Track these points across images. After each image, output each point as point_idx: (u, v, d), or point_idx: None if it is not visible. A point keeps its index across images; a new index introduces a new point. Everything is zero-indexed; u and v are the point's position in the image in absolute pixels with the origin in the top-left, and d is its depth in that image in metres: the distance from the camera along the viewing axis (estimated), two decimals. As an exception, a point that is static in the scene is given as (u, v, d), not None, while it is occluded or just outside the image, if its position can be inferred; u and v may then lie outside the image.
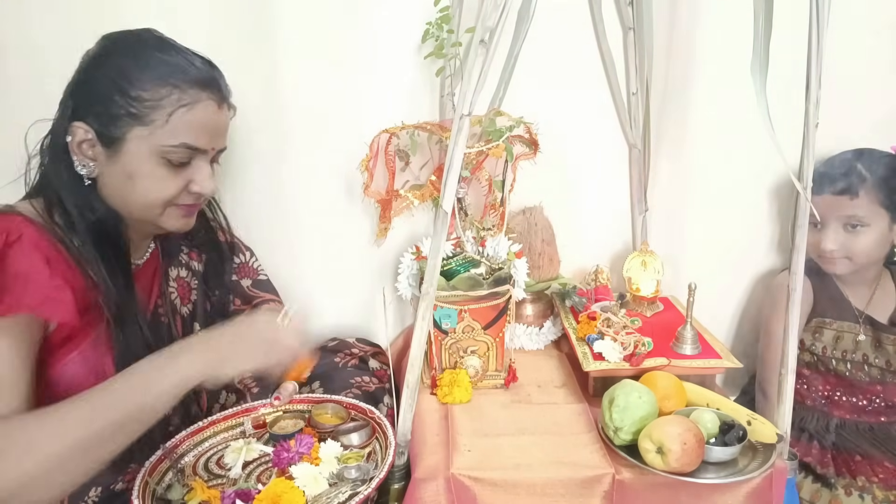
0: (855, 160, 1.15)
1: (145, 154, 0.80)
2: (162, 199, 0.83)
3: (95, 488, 0.80)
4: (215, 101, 0.84)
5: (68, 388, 0.78)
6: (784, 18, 0.79)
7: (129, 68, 0.78)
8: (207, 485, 0.81)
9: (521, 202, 1.30)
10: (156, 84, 0.78)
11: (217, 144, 0.87)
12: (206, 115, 0.82)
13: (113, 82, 0.78)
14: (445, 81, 1.17)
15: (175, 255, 0.99)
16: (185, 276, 0.99)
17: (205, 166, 0.85)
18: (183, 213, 0.87)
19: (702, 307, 1.08)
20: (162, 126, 0.79)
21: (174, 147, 0.80)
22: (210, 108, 0.83)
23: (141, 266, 0.93)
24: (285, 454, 0.82)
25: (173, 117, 0.79)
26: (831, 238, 1.16)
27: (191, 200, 0.86)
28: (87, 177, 0.81)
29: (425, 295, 0.86)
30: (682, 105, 1.27)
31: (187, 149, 0.81)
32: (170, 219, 0.86)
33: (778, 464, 0.87)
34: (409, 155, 1.13)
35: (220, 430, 0.92)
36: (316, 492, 0.78)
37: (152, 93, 0.78)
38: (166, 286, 0.96)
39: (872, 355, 1.20)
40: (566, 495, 0.86)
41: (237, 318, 0.83)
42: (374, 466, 0.83)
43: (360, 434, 0.89)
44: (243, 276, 1.09)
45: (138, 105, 0.78)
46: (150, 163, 0.80)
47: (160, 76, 0.79)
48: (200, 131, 0.82)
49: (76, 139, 0.79)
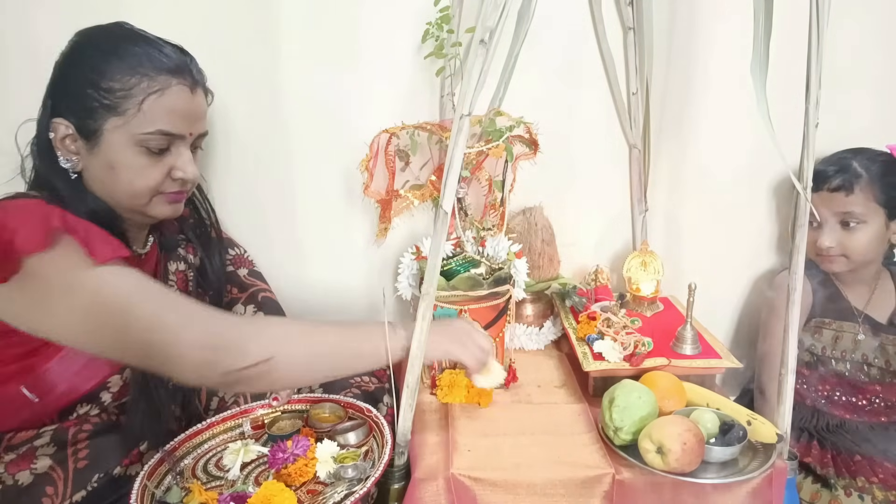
0: (851, 157, 1.16)
1: (123, 144, 0.81)
2: (146, 188, 0.85)
3: (98, 474, 0.80)
4: (187, 86, 0.85)
5: (70, 387, 0.79)
6: (784, 18, 0.79)
7: (99, 61, 0.81)
8: (206, 487, 0.81)
9: (521, 202, 1.30)
10: (125, 74, 0.80)
11: (194, 129, 0.88)
12: (178, 100, 0.84)
13: (85, 77, 0.80)
14: (445, 81, 1.17)
15: (173, 249, 1.00)
16: (184, 269, 1.01)
17: (185, 152, 0.87)
18: (169, 200, 0.88)
19: (702, 307, 1.08)
20: (136, 114, 0.81)
21: (150, 134, 0.82)
22: (182, 94, 0.84)
23: (144, 257, 0.94)
24: (281, 455, 0.82)
25: (145, 105, 0.81)
26: (828, 235, 1.16)
27: (176, 187, 0.88)
28: (71, 170, 0.83)
29: (425, 295, 0.86)
30: (682, 105, 1.27)
31: (163, 135, 0.83)
32: (157, 207, 0.88)
33: (778, 464, 0.87)
34: (409, 155, 1.13)
35: (219, 432, 0.92)
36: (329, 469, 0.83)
37: (122, 83, 0.80)
38: (166, 280, 0.97)
39: (872, 355, 1.20)
40: (566, 495, 0.86)
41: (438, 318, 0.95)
42: (370, 465, 0.83)
43: (357, 433, 0.89)
44: (239, 265, 1.12)
45: (110, 96, 0.80)
46: (130, 152, 0.82)
47: (129, 66, 0.80)
48: (175, 116, 0.84)
49: (58, 135, 0.81)
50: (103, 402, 0.85)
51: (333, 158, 1.18)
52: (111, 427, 0.85)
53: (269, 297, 1.10)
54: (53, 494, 0.76)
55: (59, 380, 0.80)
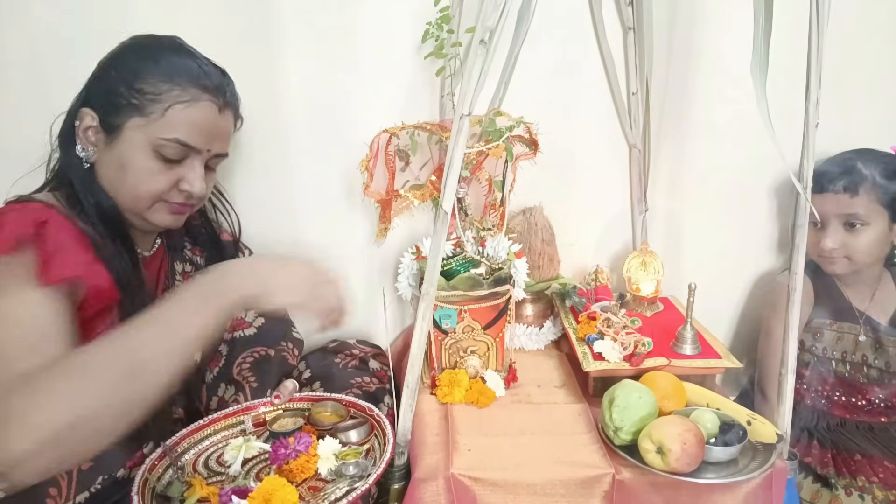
0: (855, 159, 1.16)
1: (140, 145, 0.82)
2: (150, 193, 0.85)
3: (102, 476, 0.81)
4: (216, 105, 0.86)
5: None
6: (784, 18, 0.79)
7: (138, 64, 0.83)
8: (207, 482, 0.81)
9: (521, 202, 1.30)
10: (159, 79, 0.82)
11: (213, 147, 0.88)
12: (203, 115, 0.85)
13: (121, 75, 0.83)
14: (445, 81, 1.17)
15: (179, 250, 1.01)
16: (190, 270, 1.01)
17: (198, 166, 0.87)
18: (171, 210, 0.88)
19: (702, 307, 1.08)
20: (158, 119, 0.82)
21: (167, 140, 0.82)
22: (209, 110, 0.86)
23: (148, 258, 0.94)
24: (283, 451, 0.83)
25: (170, 111, 0.82)
26: (831, 237, 1.16)
27: (180, 199, 0.87)
28: (85, 161, 0.84)
29: (425, 295, 0.86)
30: (682, 105, 1.27)
31: (179, 144, 0.83)
32: (157, 214, 0.87)
33: (778, 464, 0.87)
34: (409, 155, 1.13)
35: (221, 429, 0.92)
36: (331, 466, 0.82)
37: (154, 86, 0.82)
38: (172, 280, 0.97)
39: (872, 356, 1.20)
40: (566, 495, 0.86)
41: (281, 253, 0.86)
42: (372, 463, 0.83)
43: (359, 431, 0.90)
44: None
45: (139, 97, 0.82)
46: (144, 154, 0.83)
47: (165, 72, 0.83)
48: (196, 130, 0.84)
49: (83, 124, 0.83)
50: None
51: (333, 158, 1.18)
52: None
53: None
54: (57, 495, 0.76)
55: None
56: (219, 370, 1.00)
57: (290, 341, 1.07)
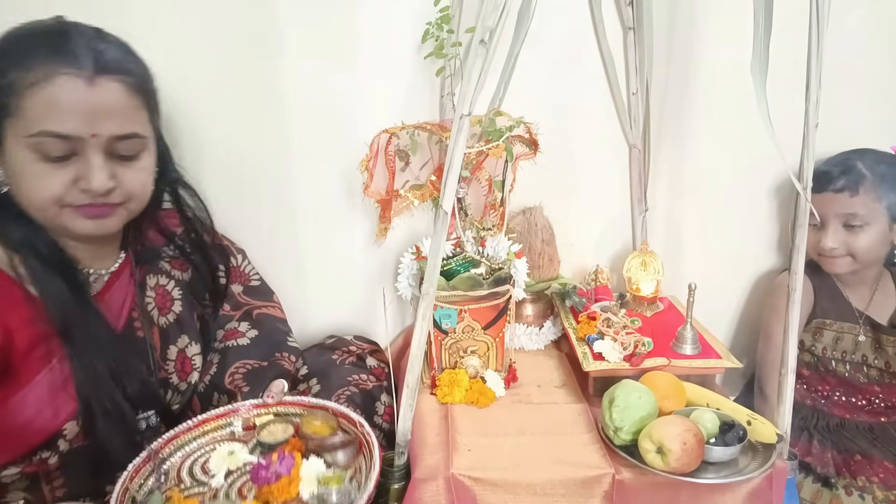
0: (855, 158, 1.16)
1: (20, 148, 0.71)
2: (45, 199, 0.73)
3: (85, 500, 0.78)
4: (80, 77, 0.70)
5: (23, 425, 0.74)
6: (784, 18, 0.79)
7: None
8: (187, 494, 0.78)
9: (521, 202, 1.30)
10: (8, 67, 0.70)
11: (100, 129, 0.72)
12: (64, 93, 0.70)
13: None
14: (445, 81, 1.17)
15: (153, 262, 0.92)
16: (165, 283, 0.93)
17: (93, 157, 0.73)
18: (85, 214, 0.75)
19: (702, 307, 1.08)
20: (23, 113, 0.69)
21: (36, 136, 0.69)
22: (69, 85, 0.70)
23: (109, 276, 0.86)
24: (263, 473, 0.78)
25: (25, 101, 0.69)
26: (831, 236, 1.16)
27: (85, 199, 0.74)
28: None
29: (425, 295, 0.86)
30: (682, 105, 1.27)
31: (54, 137, 0.70)
32: (72, 221, 0.75)
33: (778, 464, 0.87)
34: (409, 155, 1.13)
35: (210, 430, 0.88)
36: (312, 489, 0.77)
37: (4, 77, 0.69)
38: (142, 296, 0.89)
39: (872, 356, 1.20)
40: (566, 495, 0.86)
41: None
42: (356, 488, 0.79)
43: (346, 452, 0.84)
44: (235, 280, 1.05)
45: (0, 95, 0.70)
46: (25, 158, 0.71)
47: (13, 58, 0.70)
48: (63, 114, 0.69)
49: None
50: (61, 450, 0.78)
51: (333, 158, 1.18)
52: (85, 455, 0.80)
53: (265, 314, 1.06)
54: None
55: (12, 424, 0.73)
56: (210, 379, 0.97)
57: (287, 351, 1.04)
